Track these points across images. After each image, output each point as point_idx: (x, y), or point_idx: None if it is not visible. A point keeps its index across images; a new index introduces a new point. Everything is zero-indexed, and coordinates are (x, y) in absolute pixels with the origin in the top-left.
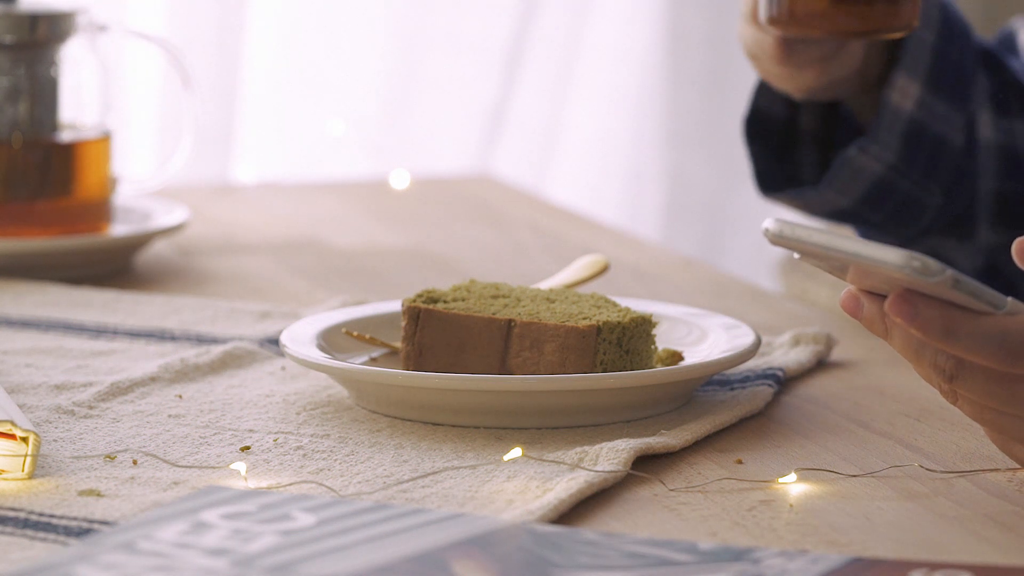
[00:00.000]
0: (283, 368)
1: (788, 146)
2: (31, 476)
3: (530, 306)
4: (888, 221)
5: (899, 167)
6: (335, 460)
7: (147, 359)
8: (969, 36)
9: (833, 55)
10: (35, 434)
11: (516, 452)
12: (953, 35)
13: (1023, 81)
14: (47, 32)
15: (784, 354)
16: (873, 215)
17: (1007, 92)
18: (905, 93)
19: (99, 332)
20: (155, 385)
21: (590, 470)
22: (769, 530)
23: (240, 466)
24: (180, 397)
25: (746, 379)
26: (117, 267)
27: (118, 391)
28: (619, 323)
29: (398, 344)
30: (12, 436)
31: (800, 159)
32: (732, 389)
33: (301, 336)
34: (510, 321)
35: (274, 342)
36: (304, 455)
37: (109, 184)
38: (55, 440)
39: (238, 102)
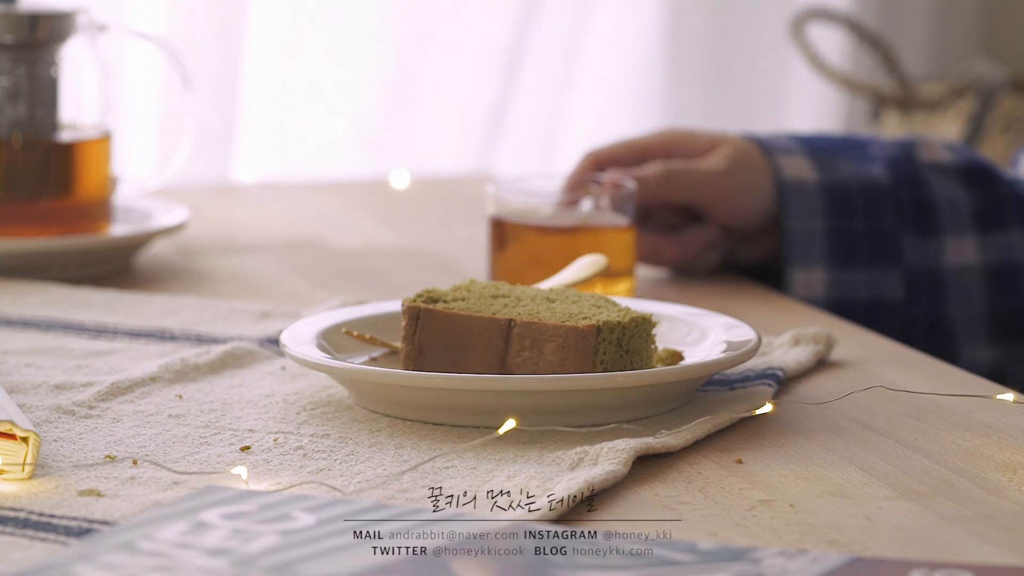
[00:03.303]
0: (283, 368)
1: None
2: (31, 476)
3: (530, 306)
4: None
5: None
6: (335, 460)
7: (147, 359)
8: (885, 198)
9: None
10: (35, 434)
11: (510, 424)
12: (852, 209)
13: (1020, 192)
14: (47, 32)
15: (784, 354)
16: None
17: (1001, 205)
18: (811, 283)
19: (99, 332)
20: (155, 385)
21: (590, 470)
22: (769, 530)
23: (241, 470)
24: (180, 397)
25: (746, 379)
26: (117, 267)
27: (118, 391)
28: (619, 323)
29: (398, 344)
30: (12, 436)
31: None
32: (732, 389)
33: (301, 336)
34: (510, 321)
35: (274, 342)
36: (304, 455)
37: (109, 184)
38: (55, 440)
39: (238, 102)
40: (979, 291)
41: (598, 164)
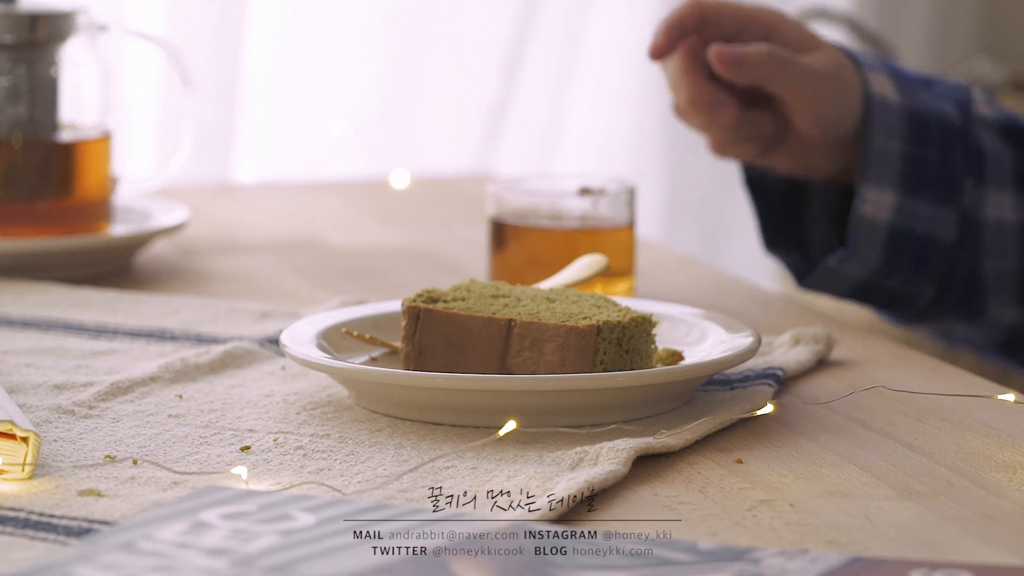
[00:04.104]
0: (283, 368)
1: (793, 202)
2: (31, 476)
3: (530, 306)
4: (879, 310)
5: (884, 271)
6: (335, 460)
7: (147, 359)
8: (956, 136)
9: (770, 145)
10: (35, 434)
11: (511, 425)
12: (929, 139)
13: None
14: (47, 32)
15: (784, 354)
16: (862, 305)
17: None
18: (879, 204)
19: (99, 332)
20: (155, 385)
21: (590, 470)
22: (769, 530)
23: (241, 470)
24: (180, 397)
25: (746, 379)
26: (117, 267)
27: (118, 391)
28: (619, 323)
29: (398, 344)
30: (12, 436)
31: (809, 216)
32: (732, 389)
33: (301, 336)
34: (510, 321)
35: (274, 342)
36: (304, 455)
37: (109, 184)
38: (55, 440)
39: (238, 102)
40: (1013, 249)
41: (701, 11)
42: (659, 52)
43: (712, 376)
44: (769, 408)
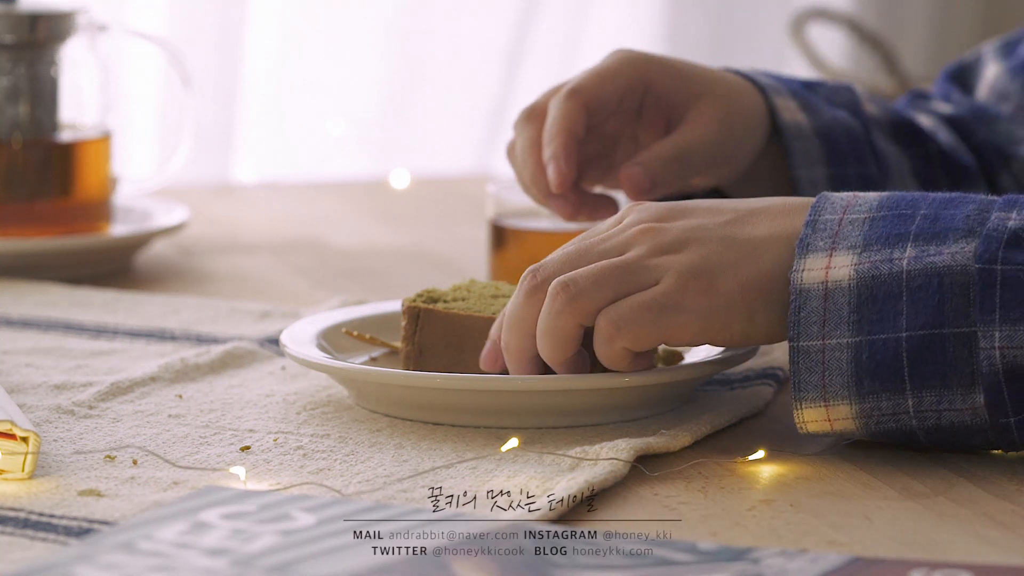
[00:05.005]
0: (283, 368)
1: None
2: (31, 476)
3: None
4: None
5: None
6: (335, 460)
7: (147, 359)
8: (864, 144)
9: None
10: (35, 434)
11: (513, 443)
12: (843, 154)
13: (944, 148)
14: (47, 32)
15: (784, 354)
16: None
17: (931, 164)
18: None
19: (99, 332)
20: (155, 385)
21: (590, 470)
22: (769, 530)
23: (239, 470)
24: (180, 397)
25: (746, 379)
26: (117, 267)
27: (118, 391)
28: None
29: (398, 344)
30: (12, 436)
31: None
32: (732, 389)
33: (301, 336)
34: None
35: (274, 342)
36: (304, 455)
37: (109, 184)
38: (55, 440)
39: (238, 102)
40: None
41: (583, 104)
42: (568, 183)
43: (712, 376)
44: (761, 455)
